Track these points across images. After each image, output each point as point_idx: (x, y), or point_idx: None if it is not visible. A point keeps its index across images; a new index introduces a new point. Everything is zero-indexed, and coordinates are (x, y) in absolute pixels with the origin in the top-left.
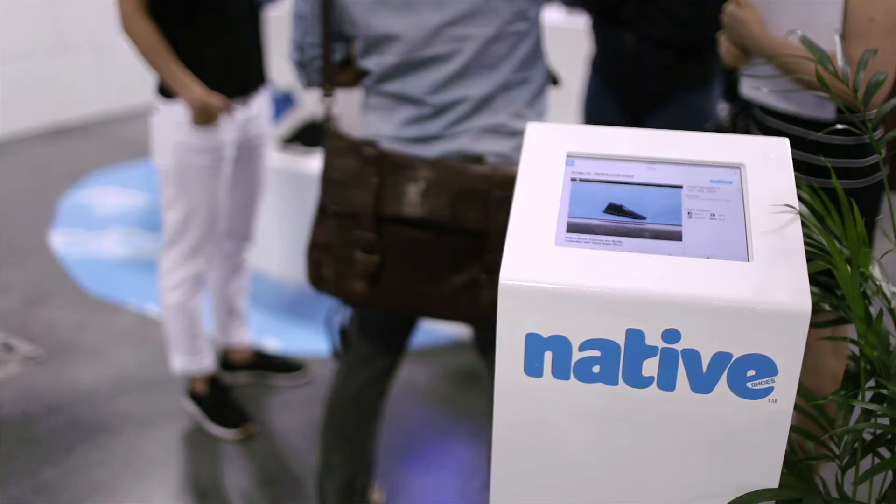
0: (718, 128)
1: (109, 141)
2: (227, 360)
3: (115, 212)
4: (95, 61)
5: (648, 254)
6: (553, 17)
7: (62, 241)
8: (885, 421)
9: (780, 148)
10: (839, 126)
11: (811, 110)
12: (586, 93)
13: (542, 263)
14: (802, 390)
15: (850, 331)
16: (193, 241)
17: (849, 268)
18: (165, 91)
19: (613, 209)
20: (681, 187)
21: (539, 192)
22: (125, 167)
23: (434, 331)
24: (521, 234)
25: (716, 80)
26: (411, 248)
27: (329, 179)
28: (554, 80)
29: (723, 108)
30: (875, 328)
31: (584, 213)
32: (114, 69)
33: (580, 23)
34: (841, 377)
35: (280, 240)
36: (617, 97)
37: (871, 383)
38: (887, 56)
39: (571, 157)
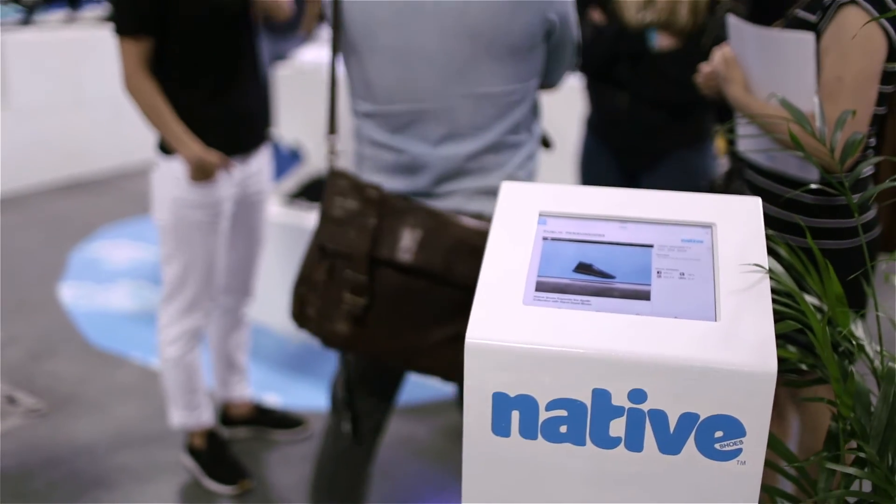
0: (712, 186)
1: (123, 195)
2: (227, 415)
3: (125, 265)
4: (112, 116)
5: (616, 313)
6: None
7: (71, 293)
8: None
9: (751, 207)
10: (813, 186)
11: (796, 170)
12: (582, 151)
13: (509, 322)
14: (782, 451)
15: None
16: (191, 296)
17: (826, 328)
18: (165, 147)
19: (583, 268)
20: (651, 246)
21: (510, 250)
22: (137, 221)
23: (434, 387)
24: (489, 293)
25: (710, 139)
26: (400, 295)
27: (327, 216)
28: (546, 143)
29: (722, 164)
30: (848, 388)
31: (554, 271)
32: (130, 124)
33: (577, 82)
34: None
35: (283, 294)
36: (612, 156)
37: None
38: (857, 115)
39: (544, 216)
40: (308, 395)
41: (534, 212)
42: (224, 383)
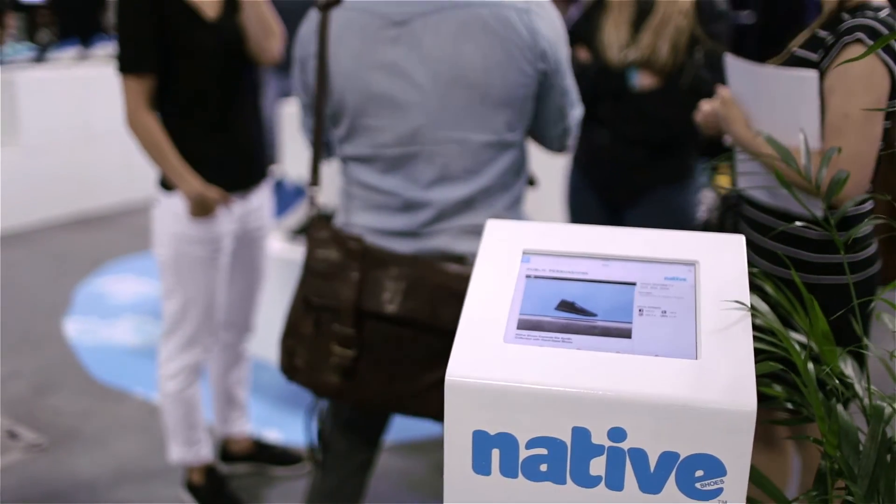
0: (706, 224)
1: (130, 230)
2: (227, 450)
3: (130, 300)
4: (120, 152)
5: (597, 351)
6: None
7: (75, 328)
8: None
9: (735, 244)
10: (798, 223)
11: (799, 206)
12: (569, 187)
13: (490, 360)
14: (770, 489)
15: None
16: (190, 331)
17: (809, 365)
18: (166, 184)
19: (565, 306)
20: (634, 284)
21: (493, 288)
22: (143, 256)
23: (430, 426)
24: (471, 331)
25: (693, 177)
26: (388, 345)
27: (311, 270)
28: (531, 181)
29: (706, 200)
30: (832, 427)
31: (536, 309)
32: (137, 160)
33: None
34: None
35: None
36: (597, 192)
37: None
38: (863, 151)
39: (527, 254)
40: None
41: (517, 249)
42: (224, 419)
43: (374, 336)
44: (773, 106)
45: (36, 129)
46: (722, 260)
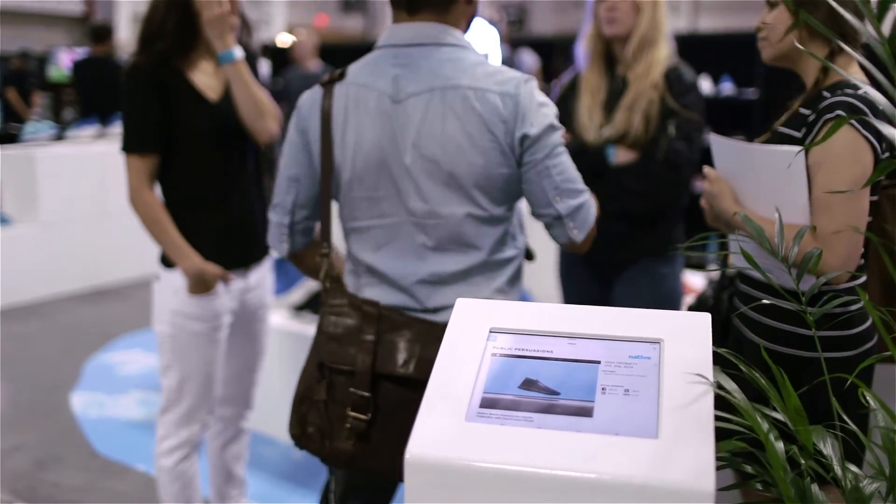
0: (700, 300)
1: (143, 304)
2: None
3: (137, 375)
4: (134, 227)
5: (558, 430)
6: None
7: (81, 402)
8: None
9: (700, 323)
10: (766, 301)
11: (792, 282)
12: (560, 259)
13: (451, 439)
14: None
15: None
16: (187, 407)
17: (780, 443)
18: (166, 260)
19: (529, 384)
20: (598, 363)
21: (457, 366)
22: (152, 331)
23: None
24: (433, 409)
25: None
26: (403, 408)
27: (326, 335)
28: (529, 255)
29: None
30: None
31: (500, 388)
32: None
33: None
34: None
35: (287, 404)
36: (585, 264)
37: None
38: (850, 226)
39: (494, 332)
40: None
41: (484, 328)
42: (222, 495)
43: (389, 399)
44: (761, 183)
45: (53, 204)
46: (687, 338)
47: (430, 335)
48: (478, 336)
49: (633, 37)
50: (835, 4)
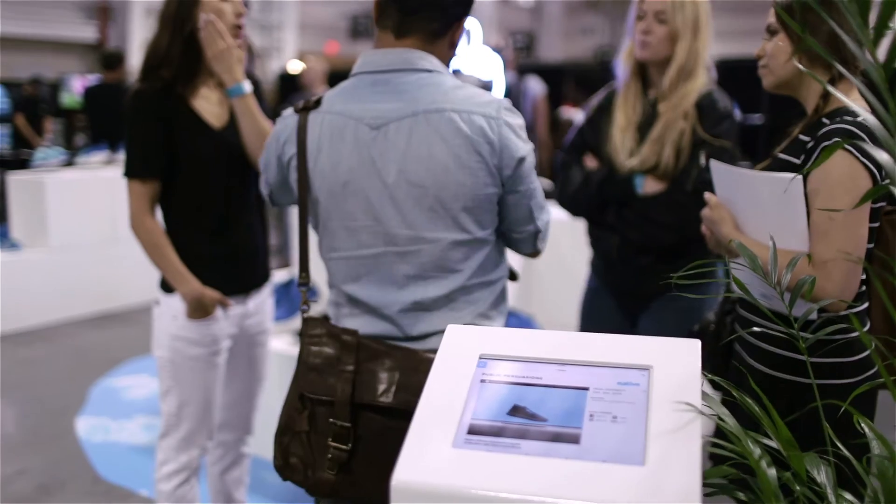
0: (703, 326)
1: (149, 329)
2: None
3: (142, 399)
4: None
5: (544, 457)
6: (561, 215)
7: (86, 426)
8: None
9: (690, 349)
10: (756, 329)
11: (796, 309)
12: (585, 291)
13: (437, 465)
14: None
15: None
16: (186, 432)
17: (772, 470)
18: (166, 285)
19: (517, 411)
20: (587, 389)
21: (447, 392)
22: None
23: None
24: (421, 435)
25: (707, 279)
26: (383, 437)
27: (306, 365)
28: (513, 276)
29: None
30: None
31: (488, 414)
32: None
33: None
34: None
35: None
36: (611, 296)
37: None
38: (849, 253)
39: (484, 359)
40: None
41: (474, 354)
42: None
43: (369, 429)
44: (760, 209)
45: (62, 229)
46: (677, 364)
47: (409, 363)
48: (468, 362)
49: (671, 67)
50: (835, 27)
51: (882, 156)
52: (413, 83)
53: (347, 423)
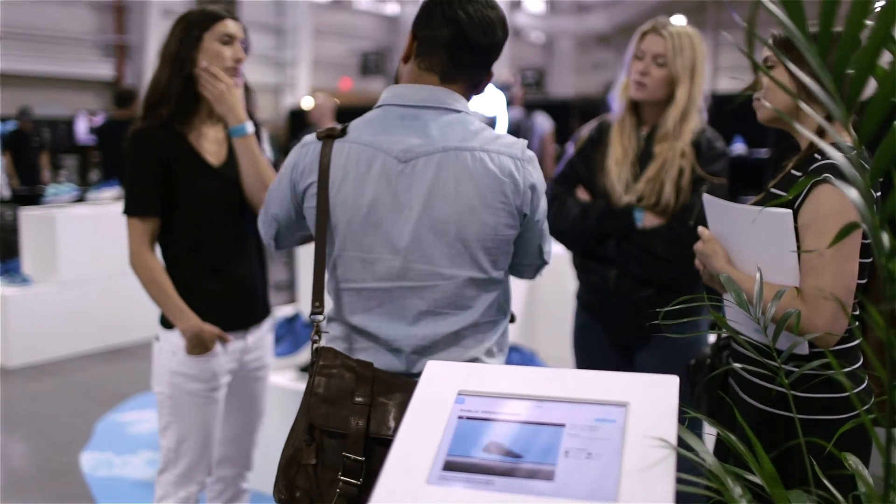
0: (697, 361)
1: None
2: None
3: (147, 434)
4: None
5: (518, 493)
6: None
7: (91, 461)
8: None
9: (668, 385)
10: (738, 365)
11: (786, 343)
12: (574, 326)
13: (411, 501)
14: None
15: None
16: (185, 467)
17: None
18: (165, 321)
19: (493, 447)
20: (563, 426)
21: (424, 428)
22: None
23: None
24: (396, 471)
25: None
26: None
27: (317, 396)
28: (512, 318)
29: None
30: None
31: (464, 450)
32: None
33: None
34: None
35: None
36: (604, 331)
37: None
38: (839, 288)
39: (462, 395)
40: None
41: (453, 390)
42: None
43: (381, 463)
44: (752, 243)
45: (72, 264)
46: (654, 401)
47: None
48: (446, 398)
49: (672, 110)
50: (793, 68)
51: (851, 193)
52: (443, 121)
53: (361, 456)
